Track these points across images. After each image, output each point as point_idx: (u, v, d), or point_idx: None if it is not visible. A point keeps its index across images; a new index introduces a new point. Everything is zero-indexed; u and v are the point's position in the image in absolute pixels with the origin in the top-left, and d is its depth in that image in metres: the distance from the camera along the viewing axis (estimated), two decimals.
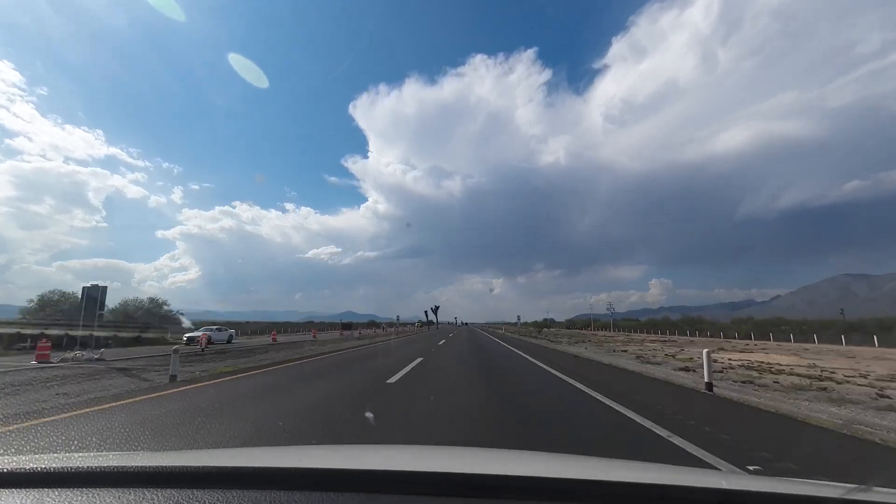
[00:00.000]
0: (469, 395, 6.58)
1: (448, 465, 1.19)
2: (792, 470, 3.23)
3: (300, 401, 5.93)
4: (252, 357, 14.14)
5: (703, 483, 1.02)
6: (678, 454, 3.62)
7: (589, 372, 10.19)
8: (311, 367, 10.70)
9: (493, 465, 1.26)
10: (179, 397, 6.32)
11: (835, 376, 10.46)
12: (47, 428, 4.43)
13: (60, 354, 13.49)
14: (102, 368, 10.85)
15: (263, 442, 3.86)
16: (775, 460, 3.46)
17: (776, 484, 1.05)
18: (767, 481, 1.13)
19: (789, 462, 3.43)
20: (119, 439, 3.95)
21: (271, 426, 4.46)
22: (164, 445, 3.77)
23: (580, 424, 4.74)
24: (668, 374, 9.98)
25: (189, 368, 10.36)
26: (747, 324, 55.66)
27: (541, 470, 1.18)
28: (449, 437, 4.08)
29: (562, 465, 1.36)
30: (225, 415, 5.05)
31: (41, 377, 9.04)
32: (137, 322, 28.06)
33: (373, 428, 4.44)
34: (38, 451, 3.65)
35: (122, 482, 1.00)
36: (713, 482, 1.06)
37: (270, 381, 8.11)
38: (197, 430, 4.30)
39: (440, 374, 9.18)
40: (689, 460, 3.47)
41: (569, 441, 4.01)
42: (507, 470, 1.13)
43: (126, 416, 4.98)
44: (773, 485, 1.03)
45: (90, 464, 1.05)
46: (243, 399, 6.19)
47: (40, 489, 0.95)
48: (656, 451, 3.70)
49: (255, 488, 0.94)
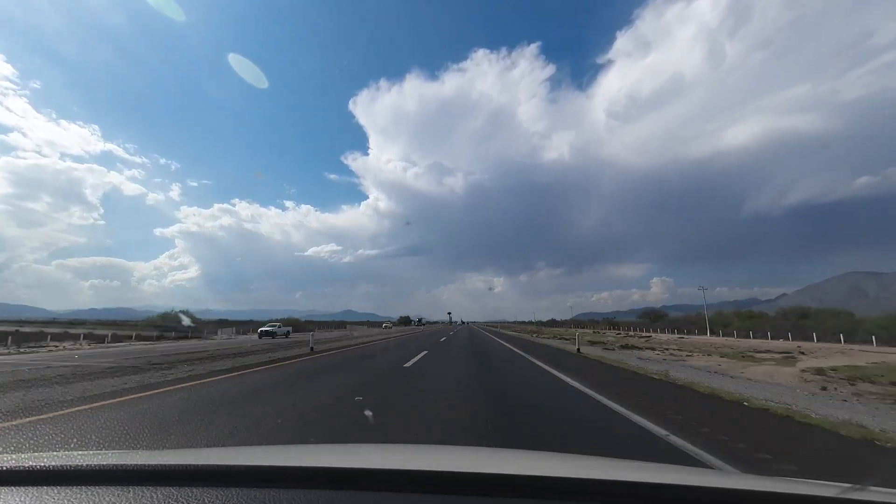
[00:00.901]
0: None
1: (449, 464, 1.20)
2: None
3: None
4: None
5: (701, 482, 1.02)
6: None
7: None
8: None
9: (494, 464, 1.28)
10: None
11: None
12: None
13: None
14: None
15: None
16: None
17: (773, 483, 1.07)
18: (765, 481, 1.14)
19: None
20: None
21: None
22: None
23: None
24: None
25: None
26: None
27: (542, 468, 1.19)
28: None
29: (564, 464, 1.38)
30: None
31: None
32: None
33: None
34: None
35: (122, 480, 1.01)
36: (712, 481, 1.06)
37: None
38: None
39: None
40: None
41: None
42: (508, 469, 1.15)
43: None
44: (771, 484, 1.05)
45: (90, 462, 1.06)
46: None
47: (40, 487, 0.96)
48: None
49: (255, 487, 0.95)
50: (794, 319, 44.78)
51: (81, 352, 17.39)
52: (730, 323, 53.98)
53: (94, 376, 8.18)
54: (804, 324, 41.93)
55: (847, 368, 11.72)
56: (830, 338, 35.83)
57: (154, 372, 8.81)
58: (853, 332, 35.40)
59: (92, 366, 10.37)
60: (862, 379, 9.61)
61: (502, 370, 9.46)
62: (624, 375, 8.76)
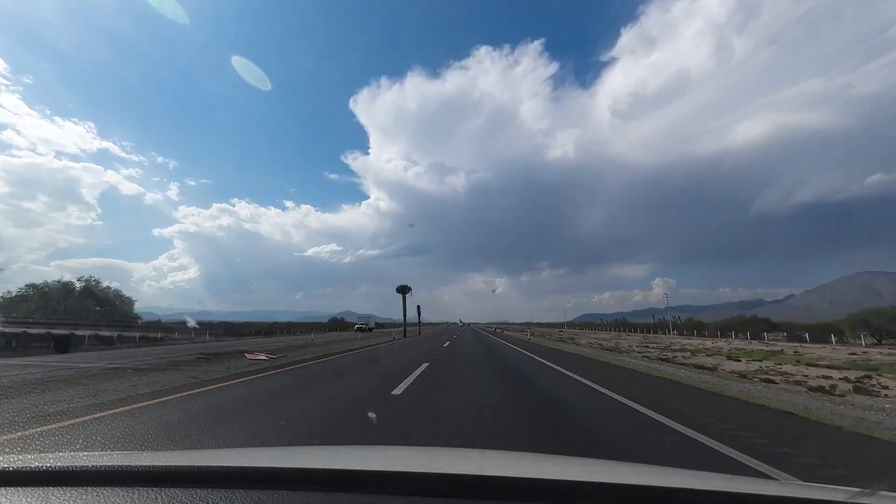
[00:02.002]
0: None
1: (453, 467, 1.21)
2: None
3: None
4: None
5: (709, 486, 1.03)
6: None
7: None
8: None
9: (496, 467, 1.29)
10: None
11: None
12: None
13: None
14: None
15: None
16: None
17: (781, 487, 1.08)
18: (773, 485, 1.16)
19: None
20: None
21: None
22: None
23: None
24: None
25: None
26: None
27: (544, 471, 1.21)
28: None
29: (568, 468, 1.38)
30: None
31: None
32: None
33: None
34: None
35: (127, 482, 1.03)
36: (719, 485, 1.07)
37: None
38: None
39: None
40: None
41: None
42: (509, 471, 1.16)
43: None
44: (779, 488, 1.06)
45: (94, 463, 1.07)
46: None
47: (45, 488, 0.98)
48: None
49: (258, 488, 0.96)
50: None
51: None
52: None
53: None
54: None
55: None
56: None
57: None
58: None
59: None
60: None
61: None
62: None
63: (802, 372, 12.40)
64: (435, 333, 41.46)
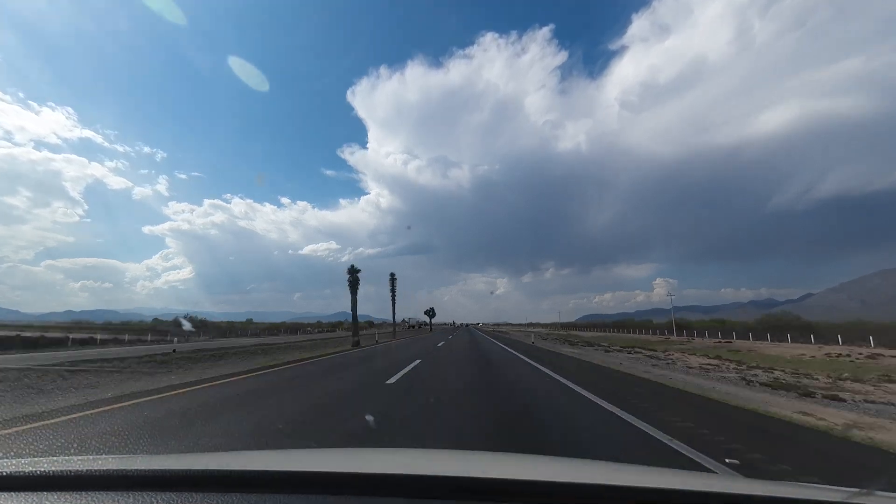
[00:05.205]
0: None
1: (450, 469, 1.24)
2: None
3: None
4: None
5: (705, 487, 1.06)
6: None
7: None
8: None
9: (494, 469, 1.33)
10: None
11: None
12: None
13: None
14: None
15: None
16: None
17: (777, 487, 1.10)
18: (768, 485, 1.17)
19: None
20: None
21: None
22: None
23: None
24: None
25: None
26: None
27: (542, 473, 1.22)
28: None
29: (565, 469, 1.41)
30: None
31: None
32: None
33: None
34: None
35: (122, 486, 1.04)
36: (715, 486, 1.10)
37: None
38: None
39: None
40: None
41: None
42: (508, 473, 1.18)
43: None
44: (774, 488, 1.08)
45: (89, 467, 1.10)
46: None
47: (39, 493, 0.99)
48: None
49: (255, 492, 0.99)
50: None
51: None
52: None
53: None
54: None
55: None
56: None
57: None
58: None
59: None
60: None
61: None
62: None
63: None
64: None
